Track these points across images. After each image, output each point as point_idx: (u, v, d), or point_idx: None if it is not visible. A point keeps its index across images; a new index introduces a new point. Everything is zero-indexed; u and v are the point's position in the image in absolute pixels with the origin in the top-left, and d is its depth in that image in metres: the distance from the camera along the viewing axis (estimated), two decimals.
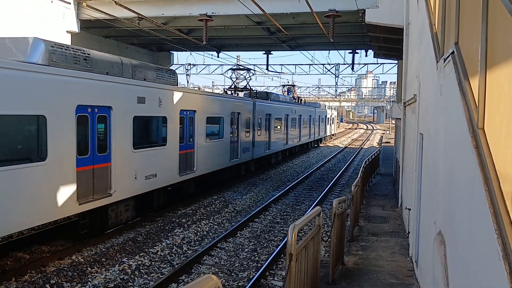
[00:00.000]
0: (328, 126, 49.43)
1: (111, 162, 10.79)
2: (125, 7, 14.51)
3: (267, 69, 32.93)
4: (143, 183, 12.20)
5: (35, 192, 8.56)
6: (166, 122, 13.31)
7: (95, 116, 10.26)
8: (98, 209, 10.65)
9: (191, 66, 41.55)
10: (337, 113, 70.74)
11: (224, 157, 18.23)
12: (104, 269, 9.24)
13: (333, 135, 56.64)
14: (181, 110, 14.32)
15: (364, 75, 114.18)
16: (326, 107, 52.45)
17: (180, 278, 8.94)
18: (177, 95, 13.97)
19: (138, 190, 12.05)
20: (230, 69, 27.18)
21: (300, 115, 33.32)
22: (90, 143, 10.10)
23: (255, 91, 25.68)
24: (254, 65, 40.02)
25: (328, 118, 49.01)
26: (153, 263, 9.74)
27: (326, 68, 41.25)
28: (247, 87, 25.55)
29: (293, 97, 37.40)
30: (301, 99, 39.44)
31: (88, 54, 10.29)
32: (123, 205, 11.67)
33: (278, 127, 27.05)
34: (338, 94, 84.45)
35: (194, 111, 15.39)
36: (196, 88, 38.27)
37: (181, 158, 14.38)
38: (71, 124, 9.46)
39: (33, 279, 8.48)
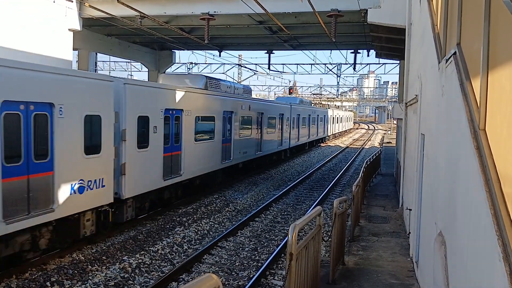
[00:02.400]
0: (348, 123, 72.54)
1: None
2: (127, 6, 14.51)
3: (268, 68, 32.90)
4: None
5: None
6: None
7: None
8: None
9: (193, 65, 41.55)
10: (353, 114, 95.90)
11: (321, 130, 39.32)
12: (104, 267, 9.26)
13: (350, 129, 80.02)
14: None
15: (366, 75, 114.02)
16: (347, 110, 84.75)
17: (181, 276, 8.95)
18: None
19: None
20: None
21: (338, 116, 56.68)
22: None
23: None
24: (256, 64, 39.95)
25: (348, 117, 73.36)
26: (153, 261, 9.75)
27: (328, 67, 41.22)
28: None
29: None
30: (338, 106, 67.02)
31: None
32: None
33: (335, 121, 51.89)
34: (340, 94, 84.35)
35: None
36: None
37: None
38: None
39: (33, 277, 8.50)
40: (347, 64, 38.95)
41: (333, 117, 52.79)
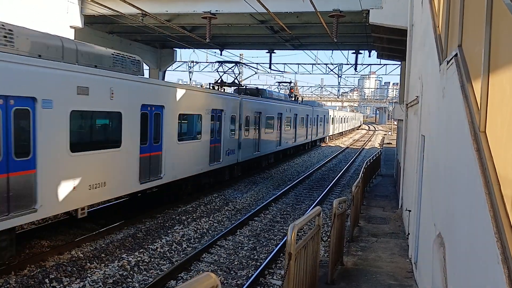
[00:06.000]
0: (358, 121, 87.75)
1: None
2: (129, 3, 14.48)
3: (269, 68, 32.90)
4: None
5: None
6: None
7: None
8: None
9: (194, 63, 41.53)
10: (362, 116, 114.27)
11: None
12: (103, 264, 9.26)
13: (359, 126, 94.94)
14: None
15: (367, 76, 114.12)
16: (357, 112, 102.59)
17: (179, 275, 8.95)
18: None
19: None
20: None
21: (345, 116, 63.90)
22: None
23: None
24: (257, 63, 39.93)
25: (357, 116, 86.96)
26: (152, 259, 9.75)
27: (329, 68, 41.20)
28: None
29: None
30: (352, 110, 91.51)
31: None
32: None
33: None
34: (340, 94, 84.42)
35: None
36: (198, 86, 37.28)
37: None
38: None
39: (32, 274, 8.50)
40: (348, 64, 38.98)
41: (340, 118, 59.08)
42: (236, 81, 23.96)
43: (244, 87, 25.07)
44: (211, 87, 21.65)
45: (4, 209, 7.87)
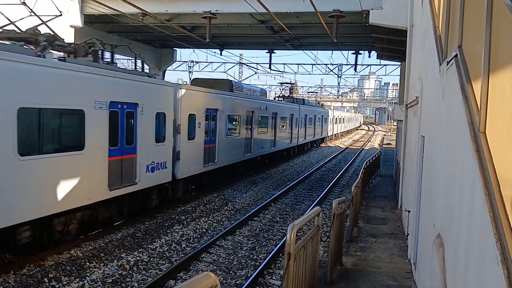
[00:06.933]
0: (358, 121, 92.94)
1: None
2: (129, 3, 14.48)
3: (269, 68, 32.93)
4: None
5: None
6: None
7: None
8: None
9: (194, 63, 41.53)
10: (362, 116, 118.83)
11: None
12: (102, 264, 9.25)
13: (359, 126, 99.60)
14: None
15: (367, 76, 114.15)
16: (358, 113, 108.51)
17: (178, 275, 8.95)
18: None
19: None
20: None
21: (346, 117, 66.45)
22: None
23: None
24: (256, 63, 39.96)
25: (357, 117, 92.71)
26: (151, 259, 9.75)
27: (329, 68, 41.23)
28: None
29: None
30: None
31: None
32: None
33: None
34: (340, 94, 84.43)
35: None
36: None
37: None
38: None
39: (31, 273, 8.49)
40: (348, 64, 39.10)
41: (347, 118, 66.99)
42: (291, 95, 37.13)
43: (296, 98, 35.83)
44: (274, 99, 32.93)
45: None
